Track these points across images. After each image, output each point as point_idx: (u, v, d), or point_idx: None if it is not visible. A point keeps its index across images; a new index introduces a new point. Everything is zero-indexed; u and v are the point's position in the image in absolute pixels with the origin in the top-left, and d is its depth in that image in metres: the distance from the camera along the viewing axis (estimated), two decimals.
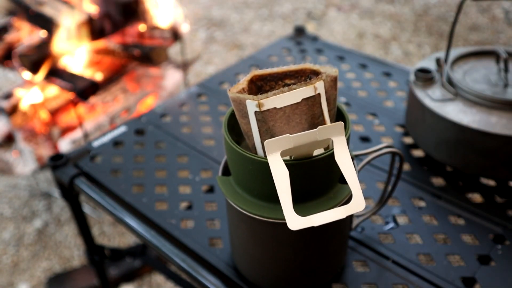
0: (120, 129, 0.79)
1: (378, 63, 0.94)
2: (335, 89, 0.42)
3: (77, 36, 1.24)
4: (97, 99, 1.40)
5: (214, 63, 2.20)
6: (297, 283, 0.50)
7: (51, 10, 1.25)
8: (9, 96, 1.27)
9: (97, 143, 0.76)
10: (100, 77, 1.37)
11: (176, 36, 1.44)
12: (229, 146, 0.43)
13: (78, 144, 1.35)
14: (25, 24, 1.33)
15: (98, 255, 0.80)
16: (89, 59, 1.42)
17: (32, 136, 1.34)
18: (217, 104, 0.85)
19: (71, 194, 0.71)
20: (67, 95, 1.32)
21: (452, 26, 0.66)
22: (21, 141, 1.32)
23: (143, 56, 1.37)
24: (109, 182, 0.68)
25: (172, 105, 0.84)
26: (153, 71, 1.54)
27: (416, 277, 0.53)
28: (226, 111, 0.74)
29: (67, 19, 1.22)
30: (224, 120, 0.45)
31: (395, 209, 0.62)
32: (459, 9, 0.64)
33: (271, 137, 0.40)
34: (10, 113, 1.24)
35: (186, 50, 1.77)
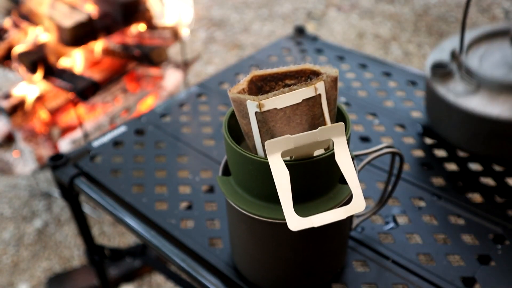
0: (120, 129, 0.79)
1: (378, 63, 0.94)
2: (336, 89, 0.42)
3: (77, 36, 1.24)
4: (97, 99, 1.40)
5: (214, 63, 2.20)
6: (297, 283, 0.50)
7: (51, 10, 1.25)
8: (9, 96, 1.27)
9: (97, 143, 0.76)
10: (100, 77, 1.37)
11: (176, 36, 1.44)
12: (229, 146, 0.43)
13: (78, 144, 1.35)
14: (25, 23, 1.33)
15: (98, 255, 0.80)
16: (89, 59, 1.42)
17: (32, 136, 1.34)
18: (217, 104, 0.85)
19: (71, 194, 0.71)
20: (67, 95, 1.32)
21: (464, 15, 0.63)
22: (21, 141, 1.32)
23: (143, 56, 1.37)
24: (109, 182, 0.68)
25: (172, 105, 0.84)
26: (153, 71, 1.54)
27: (416, 277, 0.53)
28: (226, 111, 0.74)
29: (67, 19, 1.22)
30: (224, 120, 0.45)
31: (395, 209, 0.62)
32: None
33: (271, 138, 0.40)
34: (10, 113, 1.24)
35: (186, 50, 1.77)
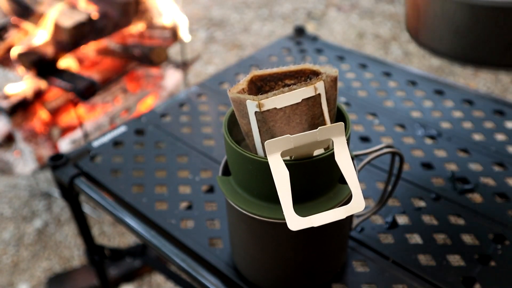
0: (120, 129, 0.79)
1: (378, 63, 0.94)
2: (335, 89, 0.42)
3: (77, 36, 1.24)
4: (97, 99, 1.40)
5: (214, 63, 2.20)
6: (297, 283, 0.50)
7: (50, 10, 1.25)
8: (9, 96, 1.27)
9: (97, 143, 0.76)
10: (100, 77, 1.37)
11: (176, 36, 1.44)
12: (229, 146, 0.43)
13: (78, 144, 1.35)
14: (24, 23, 1.33)
15: (98, 255, 0.80)
16: (89, 59, 1.42)
17: (32, 136, 1.34)
18: (217, 104, 0.85)
19: (71, 194, 0.71)
20: (67, 95, 1.32)
21: None
22: (21, 141, 1.32)
23: (143, 56, 1.37)
24: (109, 182, 0.68)
25: (172, 105, 0.84)
26: (153, 71, 1.54)
27: (416, 277, 0.53)
28: (226, 111, 0.74)
29: (67, 19, 1.22)
30: (224, 120, 0.45)
31: (395, 209, 0.62)
32: None
33: (271, 137, 0.40)
34: (10, 113, 1.24)
35: (186, 50, 1.77)
